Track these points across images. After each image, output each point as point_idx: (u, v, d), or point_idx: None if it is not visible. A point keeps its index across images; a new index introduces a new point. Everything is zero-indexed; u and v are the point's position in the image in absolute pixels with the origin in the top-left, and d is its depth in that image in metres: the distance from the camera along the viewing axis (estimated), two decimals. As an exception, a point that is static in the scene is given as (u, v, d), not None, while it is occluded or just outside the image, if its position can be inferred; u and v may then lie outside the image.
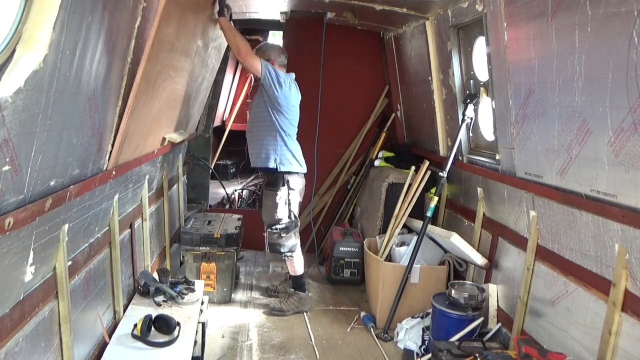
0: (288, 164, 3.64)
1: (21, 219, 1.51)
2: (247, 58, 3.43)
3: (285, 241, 3.72)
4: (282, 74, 3.57)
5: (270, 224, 3.72)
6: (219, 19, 3.33)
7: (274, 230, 3.70)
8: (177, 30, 2.59)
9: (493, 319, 3.11)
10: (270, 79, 3.49)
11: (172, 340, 2.56)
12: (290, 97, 3.60)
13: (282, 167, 3.62)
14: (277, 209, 3.66)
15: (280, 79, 3.52)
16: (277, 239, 3.71)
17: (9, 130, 1.35)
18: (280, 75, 3.54)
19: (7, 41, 1.30)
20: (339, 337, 3.49)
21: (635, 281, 1.99)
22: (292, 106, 3.62)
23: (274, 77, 3.50)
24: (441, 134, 4.02)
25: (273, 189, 3.67)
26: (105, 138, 2.25)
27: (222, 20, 3.33)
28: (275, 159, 3.60)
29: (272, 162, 3.61)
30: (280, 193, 3.66)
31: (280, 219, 3.68)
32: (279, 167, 3.61)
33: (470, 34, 3.43)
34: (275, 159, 3.60)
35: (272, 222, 3.70)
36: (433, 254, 3.74)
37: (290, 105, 3.61)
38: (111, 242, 2.65)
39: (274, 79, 3.50)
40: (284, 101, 3.55)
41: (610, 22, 1.86)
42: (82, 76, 1.77)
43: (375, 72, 5.26)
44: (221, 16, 3.30)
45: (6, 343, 1.61)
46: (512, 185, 2.92)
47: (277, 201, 3.66)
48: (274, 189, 3.66)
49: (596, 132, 2.07)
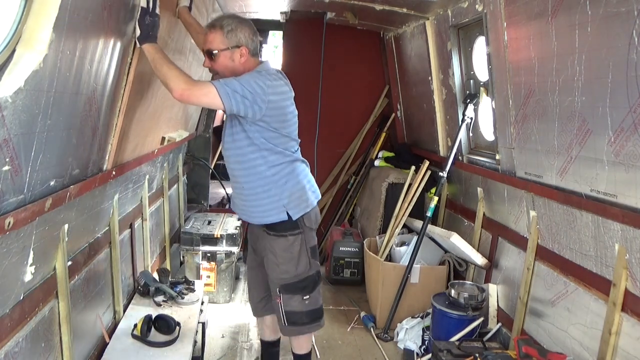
0: (302, 202, 2.43)
1: (21, 219, 1.51)
2: (190, 94, 2.12)
3: (311, 305, 2.50)
4: (257, 78, 2.20)
5: (285, 284, 2.46)
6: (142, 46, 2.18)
7: (296, 292, 2.46)
8: (169, 28, 2.58)
9: (493, 319, 3.11)
10: (245, 103, 2.16)
11: (172, 340, 2.56)
12: (283, 104, 2.31)
13: (296, 213, 2.41)
14: (297, 261, 2.45)
15: (259, 89, 2.17)
16: (300, 305, 2.47)
17: (9, 130, 1.35)
18: (256, 81, 2.18)
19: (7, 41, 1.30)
20: (339, 337, 3.50)
21: (635, 281, 1.99)
22: (289, 114, 2.37)
23: (250, 93, 2.16)
24: (441, 134, 4.02)
25: (283, 234, 2.43)
26: (105, 138, 2.25)
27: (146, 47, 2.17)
28: (284, 205, 2.38)
29: (281, 212, 2.39)
30: (295, 237, 2.44)
31: (300, 274, 2.46)
32: (292, 215, 2.40)
33: (470, 34, 3.43)
34: (284, 205, 2.38)
35: (288, 282, 2.46)
36: (433, 254, 3.74)
37: (288, 114, 2.35)
38: (111, 242, 2.65)
39: (251, 97, 2.16)
40: (277, 119, 2.28)
41: (610, 22, 1.86)
42: (82, 76, 1.76)
43: (375, 72, 5.26)
44: (143, 43, 2.16)
45: (6, 343, 1.61)
46: (512, 185, 2.92)
47: (291, 250, 2.44)
48: (284, 234, 2.43)
49: (596, 132, 2.06)
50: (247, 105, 2.17)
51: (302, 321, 2.51)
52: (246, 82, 2.17)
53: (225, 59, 2.28)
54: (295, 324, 2.51)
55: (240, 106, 2.16)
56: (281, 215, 2.39)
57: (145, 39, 2.16)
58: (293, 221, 2.41)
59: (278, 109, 2.27)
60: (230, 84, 2.15)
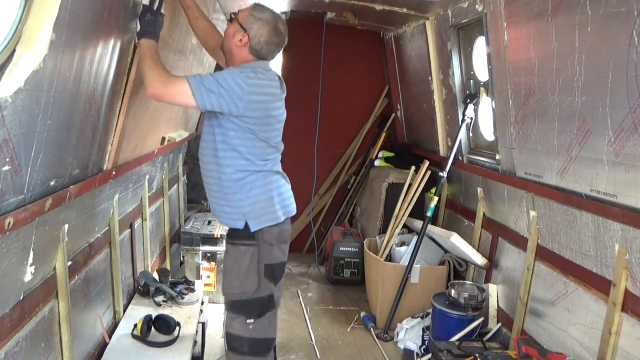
0: (266, 214, 2.20)
1: (21, 219, 1.51)
2: (164, 93, 2.05)
3: (255, 333, 2.19)
4: (237, 76, 2.07)
5: (231, 301, 2.23)
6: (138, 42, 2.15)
7: (240, 313, 2.19)
8: (170, 28, 2.58)
9: (493, 319, 3.11)
10: (220, 101, 2.05)
11: (172, 340, 2.56)
12: (268, 106, 2.17)
13: (256, 224, 2.19)
14: (244, 276, 2.18)
15: (237, 88, 2.05)
16: (242, 329, 2.18)
17: (9, 130, 1.35)
18: (235, 79, 2.06)
19: (7, 41, 1.30)
20: (339, 337, 3.50)
21: (635, 281, 1.99)
22: (272, 117, 2.21)
23: (226, 91, 2.04)
24: (441, 134, 4.02)
25: (235, 242, 2.23)
26: (105, 138, 2.25)
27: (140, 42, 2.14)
28: (243, 213, 2.18)
29: (238, 220, 2.20)
30: (247, 249, 2.19)
31: (246, 292, 2.18)
32: (250, 226, 2.18)
33: (470, 34, 3.43)
34: (243, 213, 2.18)
35: (234, 298, 2.21)
36: (433, 254, 3.74)
37: (270, 117, 2.20)
38: (111, 242, 2.65)
39: (227, 95, 2.04)
40: (257, 120, 2.14)
41: (610, 22, 1.86)
42: (82, 76, 1.76)
43: (375, 72, 5.26)
44: (140, 38, 2.14)
45: (6, 343, 1.61)
46: (512, 185, 2.92)
47: (240, 263, 2.19)
48: (236, 242, 2.22)
49: (596, 132, 2.06)
50: (223, 103, 2.05)
51: (242, 349, 2.20)
52: (223, 80, 2.06)
53: (232, 29, 2.22)
54: (234, 351, 2.22)
55: (215, 104, 2.05)
56: (238, 223, 2.19)
57: (144, 34, 2.14)
58: (250, 232, 2.18)
59: (260, 110, 2.14)
60: (207, 82, 2.04)
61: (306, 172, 4.92)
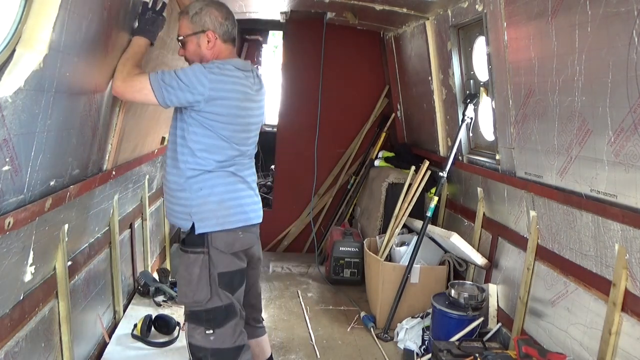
0: (215, 218, 2.08)
1: (21, 219, 1.51)
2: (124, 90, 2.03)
3: (217, 343, 2.09)
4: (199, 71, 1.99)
5: (190, 311, 2.13)
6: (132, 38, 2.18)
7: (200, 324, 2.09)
8: (169, 28, 2.58)
9: (493, 319, 3.11)
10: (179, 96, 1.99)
11: (172, 340, 2.56)
12: (232, 104, 2.06)
13: (202, 227, 2.08)
14: (196, 286, 2.07)
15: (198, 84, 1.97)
16: (203, 339, 2.09)
17: (9, 130, 1.35)
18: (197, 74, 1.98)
19: (7, 41, 1.30)
20: (339, 337, 3.49)
21: (635, 281, 1.99)
22: (237, 117, 2.10)
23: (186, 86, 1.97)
24: (441, 134, 4.02)
25: (185, 249, 2.13)
26: (105, 138, 2.25)
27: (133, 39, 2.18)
28: (190, 213, 2.09)
29: (186, 220, 2.11)
30: (196, 257, 2.08)
31: (200, 301, 2.07)
32: (196, 227, 2.08)
33: (470, 34, 3.43)
34: (190, 213, 2.09)
35: (192, 308, 2.11)
36: (433, 254, 3.74)
37: (234, 116, 2.08)
38: (111, 242, 2.66)
39: (186, 89, 1.97)
40: (218, 118, 2.05)
41: (610, 22, 1.86)
42: (82, 76, 1.77)
43: (375, 72, 5.26)
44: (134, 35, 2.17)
45: (6, 343, 1.61)
46: (512, 185, 2.92)
47: (190, 271, 2.08)
48: (186, 249, 2.12)
49: (596, 132, 2.07)
50: (182, 98, 1.99)
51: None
52: (184, 75, 1.99)
53: (192, 45, 2.13)
54: None
55: (174, 100, 2.00)
56: (186, 223, 2.10)
57: (140, 32, 2.13)
58: (197, 236, 2.07)
59: (222, 107, 2.04)
60: (167, 79, 1.98)
61: (306, 172, 4.92)
